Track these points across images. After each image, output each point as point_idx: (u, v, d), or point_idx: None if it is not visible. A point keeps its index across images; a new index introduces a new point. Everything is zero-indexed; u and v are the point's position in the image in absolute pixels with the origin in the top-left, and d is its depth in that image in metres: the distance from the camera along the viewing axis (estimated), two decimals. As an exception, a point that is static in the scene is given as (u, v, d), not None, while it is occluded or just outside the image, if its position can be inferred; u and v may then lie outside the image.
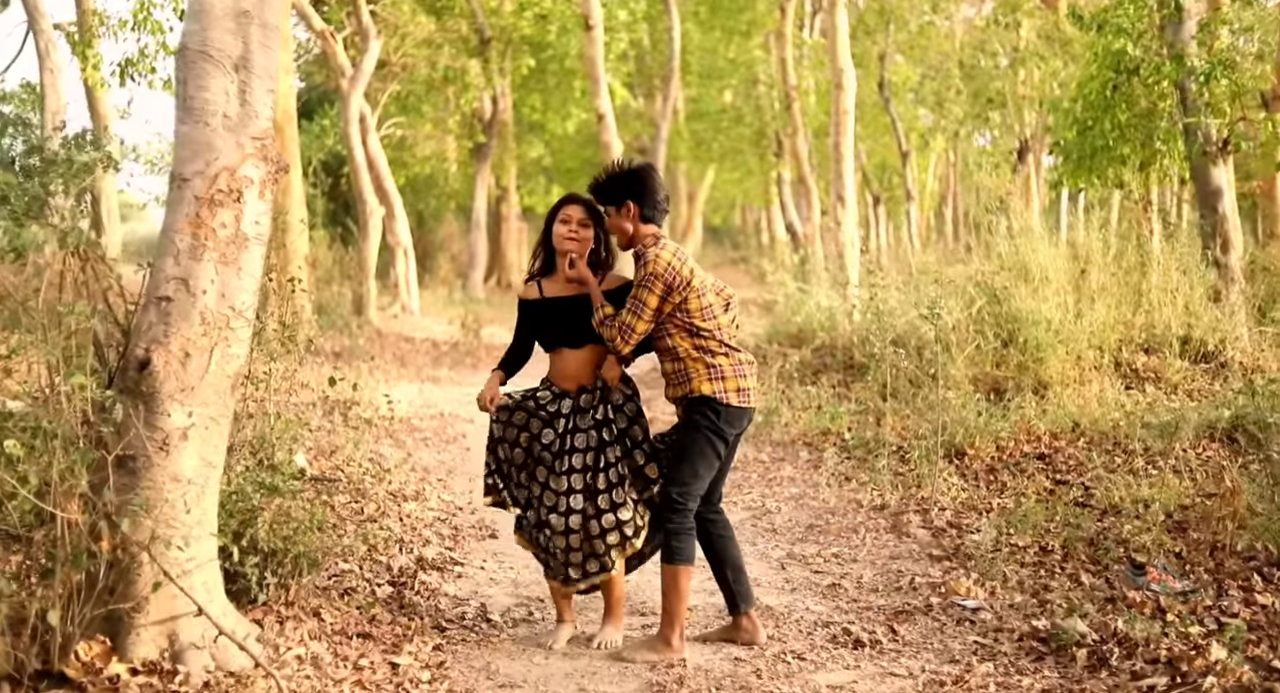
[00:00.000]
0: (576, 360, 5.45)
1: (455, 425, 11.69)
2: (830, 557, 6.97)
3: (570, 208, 5.48)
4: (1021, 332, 11.29)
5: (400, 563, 6.53)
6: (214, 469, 4.86)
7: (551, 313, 5.50)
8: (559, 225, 5.47)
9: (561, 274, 5.48)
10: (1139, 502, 7.18)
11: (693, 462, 5.27)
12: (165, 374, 4.69)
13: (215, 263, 4.82)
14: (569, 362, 5.47)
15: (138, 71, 14.89)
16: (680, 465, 5.29)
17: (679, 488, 5.26)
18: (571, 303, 5.46)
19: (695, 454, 5.27)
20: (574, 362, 5.46)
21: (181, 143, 4.90)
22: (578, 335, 5.45)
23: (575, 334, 5.45)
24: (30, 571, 4.52)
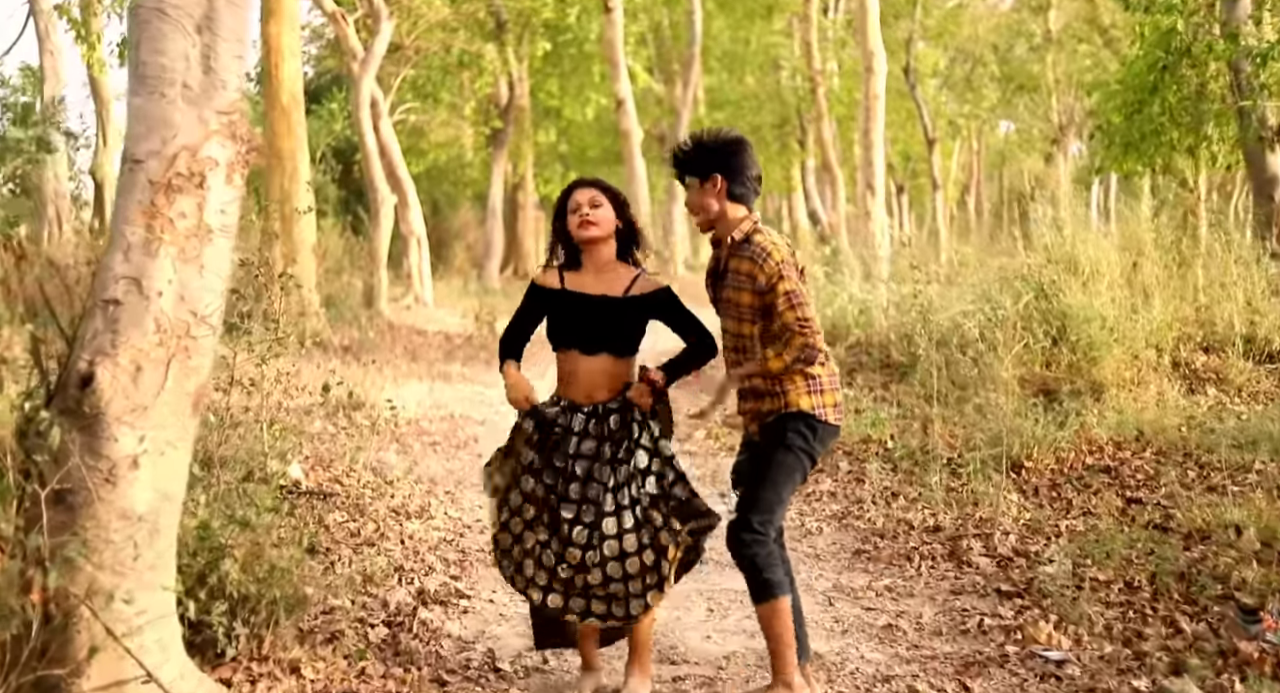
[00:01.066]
0: (588, 368, 4.63)
1: (466, 428, 10.94)
2: (883, 590, 6.19)
3: (577, 193, 4.69)
4: (1072, 329, 10.51)
5: (398, 598, 5.77)
6: (171, 503, 4.11)
7: (571, 308, 4.67)
8: (570, 216, 4.69)
9: (591, 267, 4.71)
10: (1228, 527, 6.38)
11: (779, 486, 4.49)
12: (112, 391, 3.95)
13: (173, 259, 4.07)
14: (580, 368, 4.64)
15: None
16: (764, 489, 4.49)
17: (762, 516, 4.46)
18: (596, 302, 4.65)
19: (784, 478, 4.50)
20: (585, 369, 4.63)
21: (134, 118, 4.14)
22: (593, 340, 4.64)
23: (591, 338, 4.63)
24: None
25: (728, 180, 4.51)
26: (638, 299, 4.64)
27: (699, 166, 4.55)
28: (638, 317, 4.65)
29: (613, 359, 4.63)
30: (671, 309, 4.70)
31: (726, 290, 4.56)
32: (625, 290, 4.65)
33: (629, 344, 4.66)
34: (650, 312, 4.67)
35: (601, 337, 4.63)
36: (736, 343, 4.60)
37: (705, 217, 4.58)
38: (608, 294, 4.65)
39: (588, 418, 4.60)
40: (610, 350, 4.63)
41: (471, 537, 7.27)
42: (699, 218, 4.62)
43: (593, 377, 4.64)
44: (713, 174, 4.51)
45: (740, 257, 4.48)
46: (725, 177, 4.51)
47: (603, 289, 4.66)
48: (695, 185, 4.56)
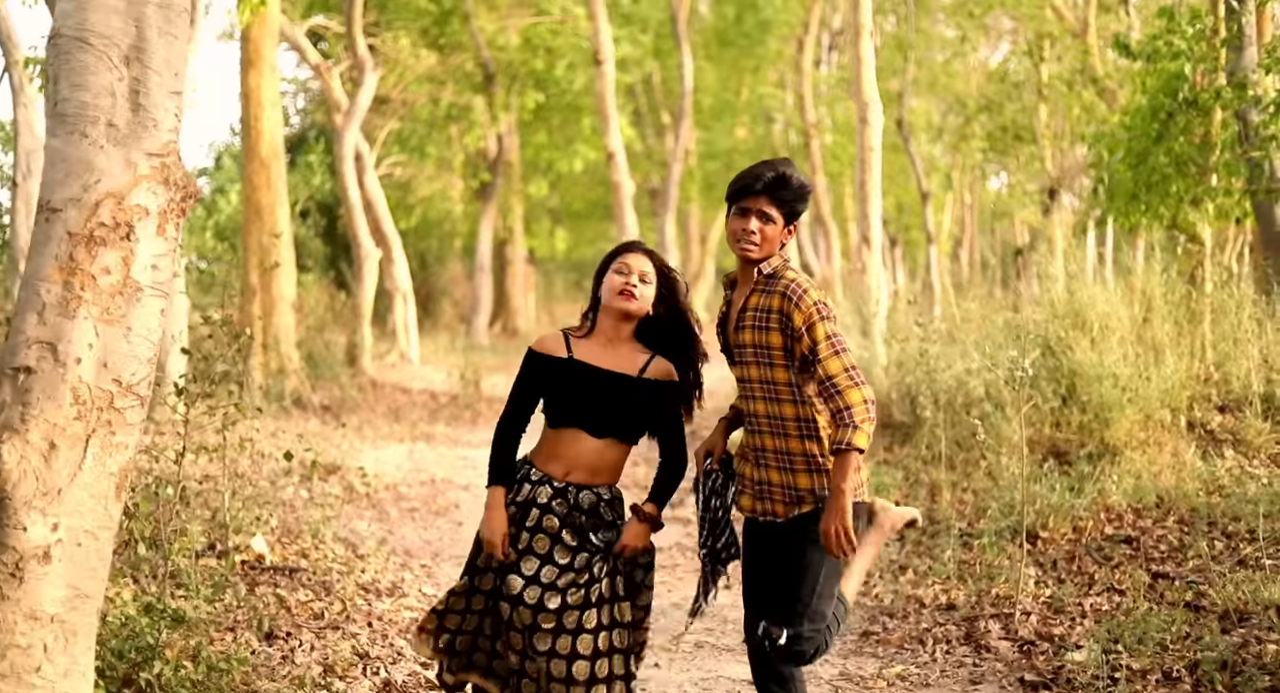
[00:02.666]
0: (589, 449, 4.08)
1: (447, 493, 10.40)
2: (895, 679, 5.65)
3: (630, 257, 4.14)
4: (1082, 388, 10.03)
5: (360, 692, 5.22)
6: (89, 601, 3.59)
7: (581, 382, 4.10)
8: (613, 275, 4.13)
9: (601, 337, 4.18)
10: (1269, 607, 5.87)
11: (829, 585, 3.93)
12: (20, 473, 3.45)
13: (95, 321, 3.58)
14: (582, 450, 4.08)
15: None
16: (811, 592, 3.92)
17: (814, 625, 3.92)
18: (608, 378, 4.10)
19: (832, 576, 3.95)
20: (586, 450, 4.08)
21: (52, 161, 3.67)
22: (604, 421, 4.09)
23: (601, 419, 4.08)
24: None
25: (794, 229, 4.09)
26: (652, 384, 4.11)
27: (792, 207, 4.04)
28: (647, 401, 4.11)
29: (617, 444, 4.11)
30: (670, 406, 4.17)
31: (747, 333, 4.02)
32: (640, 371, 4.12)
33: (638, 431, 4.16)
34: (654, 401, 4.12)
35: (613, 418, 4.09)
36: (763, 392, 4.01)
37: (766, 252, 4.02)
38: (623, 371, 4.12)
39: (555, 494, 4.08)
40: (618, 435, 4.10)
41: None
42: (756, 251, 4.02)
43: (589, 459, 4.10)
44: (794, 223, 4.06)
45: (769, 293, 3.99)
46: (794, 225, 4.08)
47: (616, 365, 4.12)
48: (779, 220, 4.01)
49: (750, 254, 4.02)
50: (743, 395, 4.09)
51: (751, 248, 4.01)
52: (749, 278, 4.06)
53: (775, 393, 3.99)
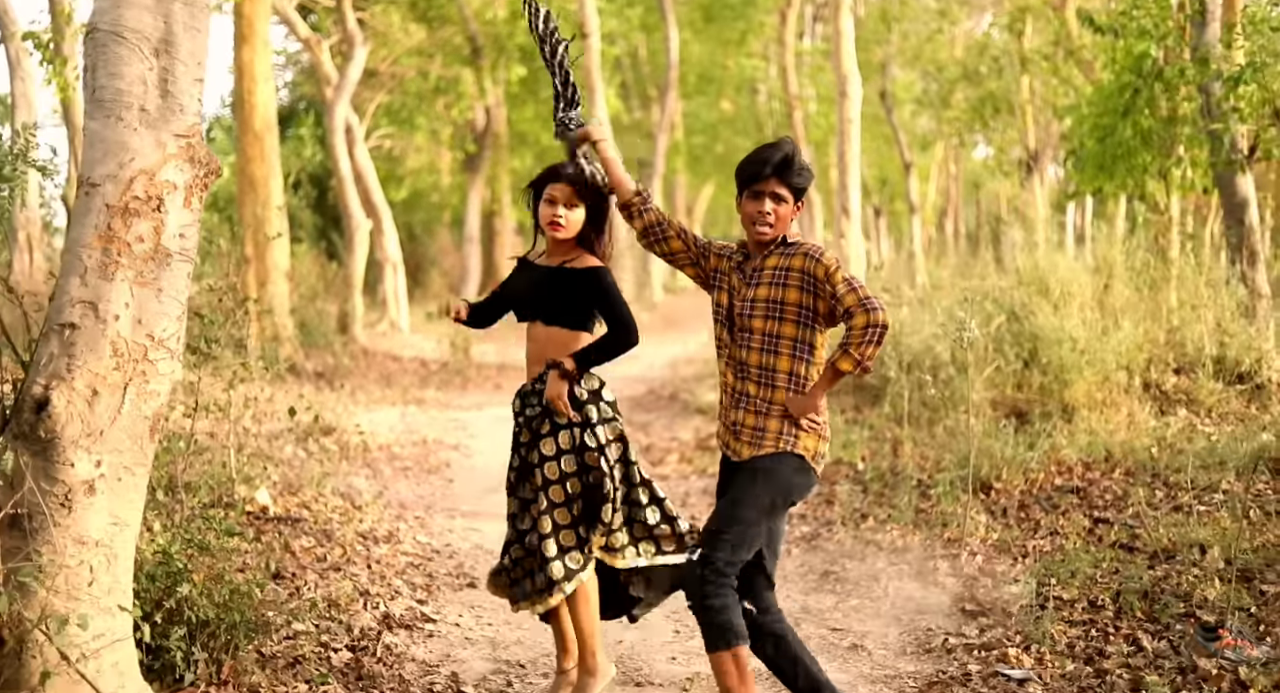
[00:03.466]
0: (530, 336, 4.75)
1: (439, 453, 10.90)
2: (850, 611, 6.19)
3: (555, 187, 4.68)
4: (1043, 351, 10.55)
5: (363, 623, 5.74)
6: (127, 528, 4.09)
7: (518, 276, 4.88)
8: (543, 205, 4.70)
9: (550, 250, 4.78)
10: (1193, 546, 6.41)
11: (753, 525, 4.28)
12: (68, 416, 3.94)
13: (130, 283, 4.07)
14: (526, 337, 4.77)
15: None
16: (736, 526, 4.26)
17: (730, 555, 4.22)
18: (535, 271, 4.78)
19: (759, 518, 4.30)
20: (528, 338, 4.76)
21: (91, 141, 4.15)
22: (527, 307, 4.78)
23: (525, 305, 4.78)
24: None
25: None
26: (567, 272, 4.65)
27: (803, 187, 4.41)
28: (567, 288, 4.63)
29: (544, 328, 4.67)
30: (595, 288, 4.62)
31: (762, 289, 4.36)
32: (561, 263, 4.69)
33: (559, 314, 4.65)
34: (578, 287, 4.62)
35: (533, 303, 4.71)
36: (762, 344, 4.36)
37: (780, 231, 4.39)
38: (547, 265, 4.72)
39: (530, 393, 4.71)
40: (542, 318, 4.67)
41: (440, 561, 7.24)
42: (769, 231, 4.38)
43: (533, 346, 4.73)
44: (801, 201, 4.43)
45: (789, 254, 4.35)
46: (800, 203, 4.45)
47: (548, 262, 4.74)
48: (789, 200, 4.37)
49: (765, 235, 4.37)
50: (737, 345, 4.44)
51: (767, 229, 4.36)
52: (761, 250, 4.44)
53: (776, 346, 4.33)
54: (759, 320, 4.35)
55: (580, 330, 4.66)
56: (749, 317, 4.38)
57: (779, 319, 4.33)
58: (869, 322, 4.13)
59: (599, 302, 4.62)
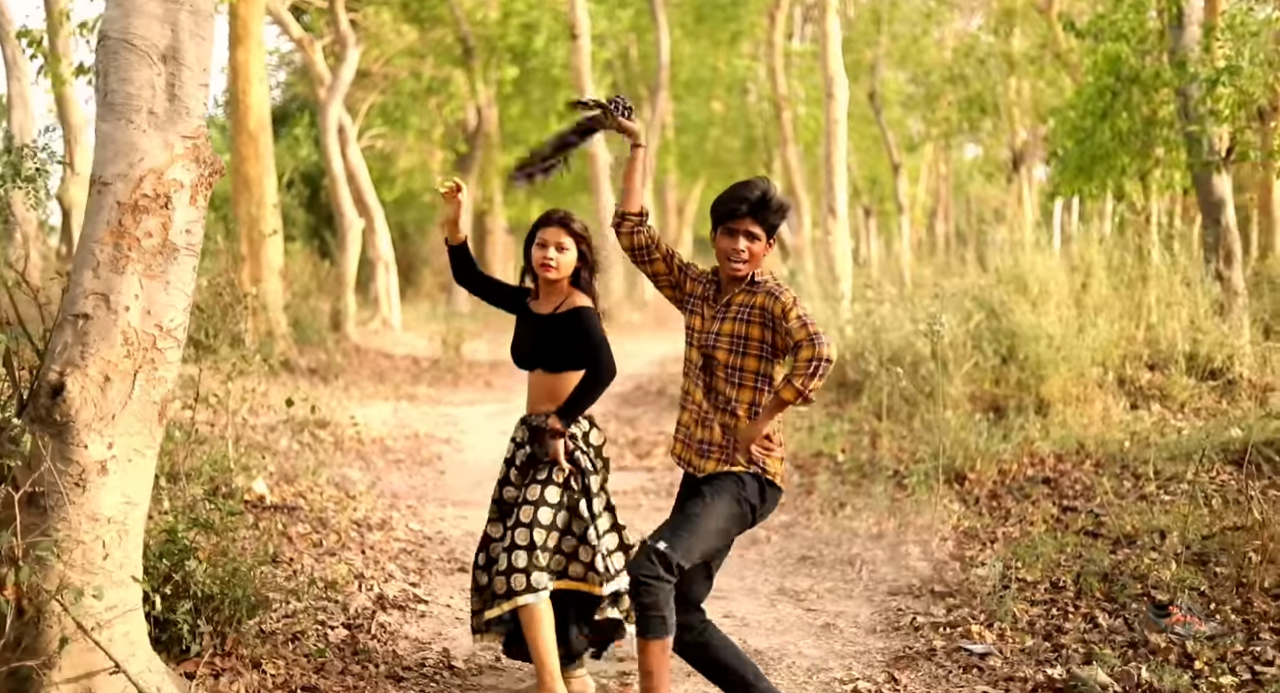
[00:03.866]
0: (531, 383, 4.98)
1: (430, 447, 11.16)
2: (824, 592, 6.47)
3: (545, 231, 4.92)
4: (1021, 347, 10.83)
5: (357, 603, 6.00)
6: (137, 507, 4.34)
7: (521, 325, 5.05)
8: (535, 249, 4.93)
9: (542, 296, 5.01)
10: (1154, 532, 6.69)
11: (708, 536, 4.45)
12: (82, 401, 4.19)
13: (140, 276, 4.32)
14: (534, 384, 4.98)
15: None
16: (692, 532, 4.40)
17: (678, 556, 4.31)
18: (534, 320, 4.98)
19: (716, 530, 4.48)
20: (530, 384, 5.00)
21: (102, 142, 4.39)
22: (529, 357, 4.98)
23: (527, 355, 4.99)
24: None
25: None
26: (559, 318, 4.88)
27: (776, 225, 4.56)
28: (562, 334, 4.86)
29: (548, 375, 4.89)
30: (575, 329, 4.84)
31: (727, 324, 4.54)
32: (554, 309, 4.92)
33: (559, 362, 4.87)
34: (568, 330, 4.85)
35: (534, 356, 4.92)
36: (727, 375, 4.55)
37: (753, 267, 4.53)
38: (541, 312, 4.94)
39: (530, 428, 4.89)
40: (544, 367, 4.90)
41: (431, 547, 7.50)
42: (746, 267, 4.52)
43: (539, 390, 4.93)
44: (773, 238, 4.58)
45: (752, 292, 4.51)
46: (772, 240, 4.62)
47: (542, 309, 4.96)
48: (762, 238, 4.52)
49: (739, 272, 4.51)
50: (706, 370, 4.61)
51: (741, 265, 4.50)
52: (732, 284, 4.58)
53: (740, 378, 4.52)
54: (723, 353, 4.54)
55: (571, 372, 4.88)
56: (714, 348, 4.56)
57: (742, 354, 4.51)
58: (814, 355, 4.30)
59: (580, 340, 4.83)
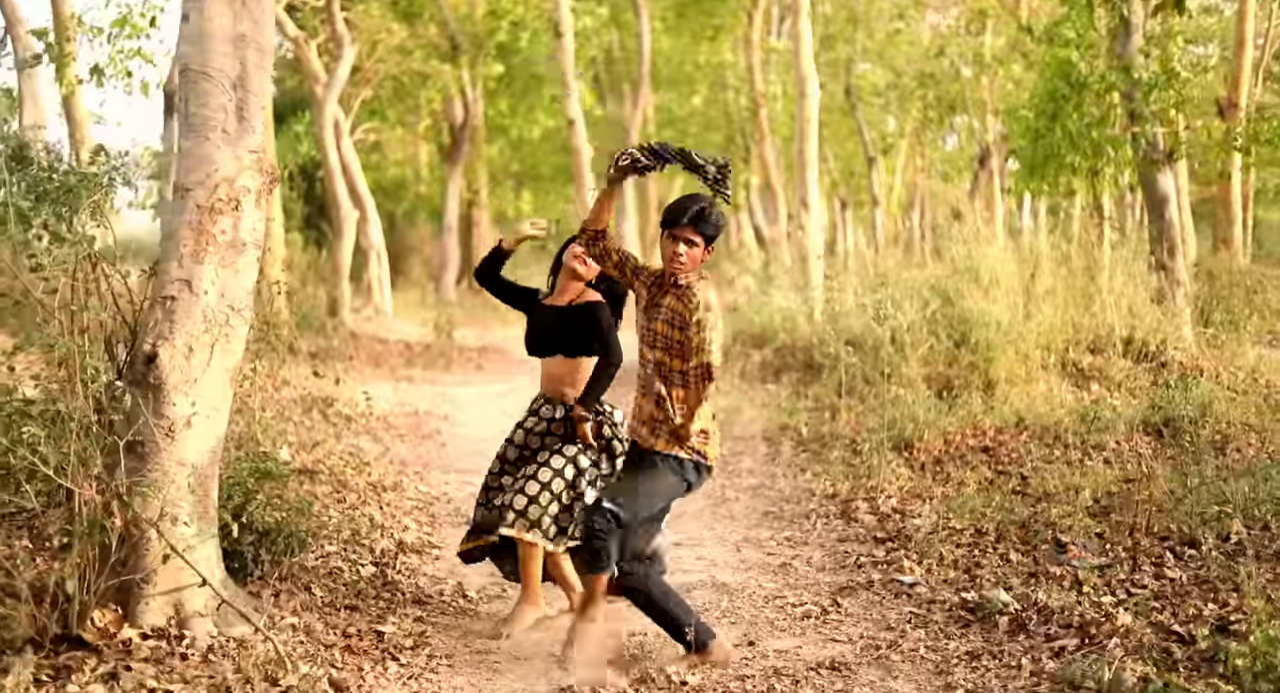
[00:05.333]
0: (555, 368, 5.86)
1: (430, 422, 12.14)
2: (783, 540, 7.48)
3: (578, 244, 5.77)
4: (973, 333, 11.82)
5: (382, 546, 7.00)
6: (214, 454, 5.32)
7: (539, 317, 5.93)
8: (572, 248, 5.86)
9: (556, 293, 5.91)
10: (1070, 489, 7.71)
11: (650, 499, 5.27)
12: (171, 367, 5.15)
13: (216, 265, 5.28)
14: (550, 368, 5.88)
15: (115, 75, 15.11)
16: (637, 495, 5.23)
17: (623, 512, 5.14)
18: (550, 312, 5.88)
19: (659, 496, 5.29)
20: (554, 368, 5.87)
21: (184, 156, 5.36)
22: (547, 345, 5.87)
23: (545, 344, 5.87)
24: (51, 542, 4.98)
25: None
26: (575, 309, 5.81)
27: (713, 235, 5.23)
28: (579, 323, 5.77)
29: (566, 360, 5.81)
30: (588, 321, 5.77)
31: (660, 324, 5.22)
32: (570, 302, 5.86)
33: (576, 348, 5.79)
34: (585, 320, 5.77)
35: (552, 342, 5.83)
36: (660, 373, 5.23)
37: (690, 269, 5.21)
38: (555, 304, 5.87)
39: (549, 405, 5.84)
40: (564, 353, 5.80)
41: (439, 505, 8.49)
42: (684, 268, 5.19)
43: (554, 374, 5.86)
44: (713, 245, 5.26)
45: (676, 296, 5.21)
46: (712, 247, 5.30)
47: (559, 302, 5.88)
48: (701, 246, 5.20)
49: (678, 271, 5.21)
50: (646, 368, 5.30)
51: (680, 267, 5.21)
52: (671, 282, 5.27)
53: (669, 377, 5.21)
54: (659, 352, 5.25)
55: (584, 358, 5.80)
56: (652, 346, 5.28)
57: (672, 355, 5.21)
58: (698, 361, 5.10)
59: (594, 330, 5.76)
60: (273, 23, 5.58)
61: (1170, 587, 5.92)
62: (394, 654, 5.34)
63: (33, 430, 4.83)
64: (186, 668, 4.73)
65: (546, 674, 5.25)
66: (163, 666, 4.74)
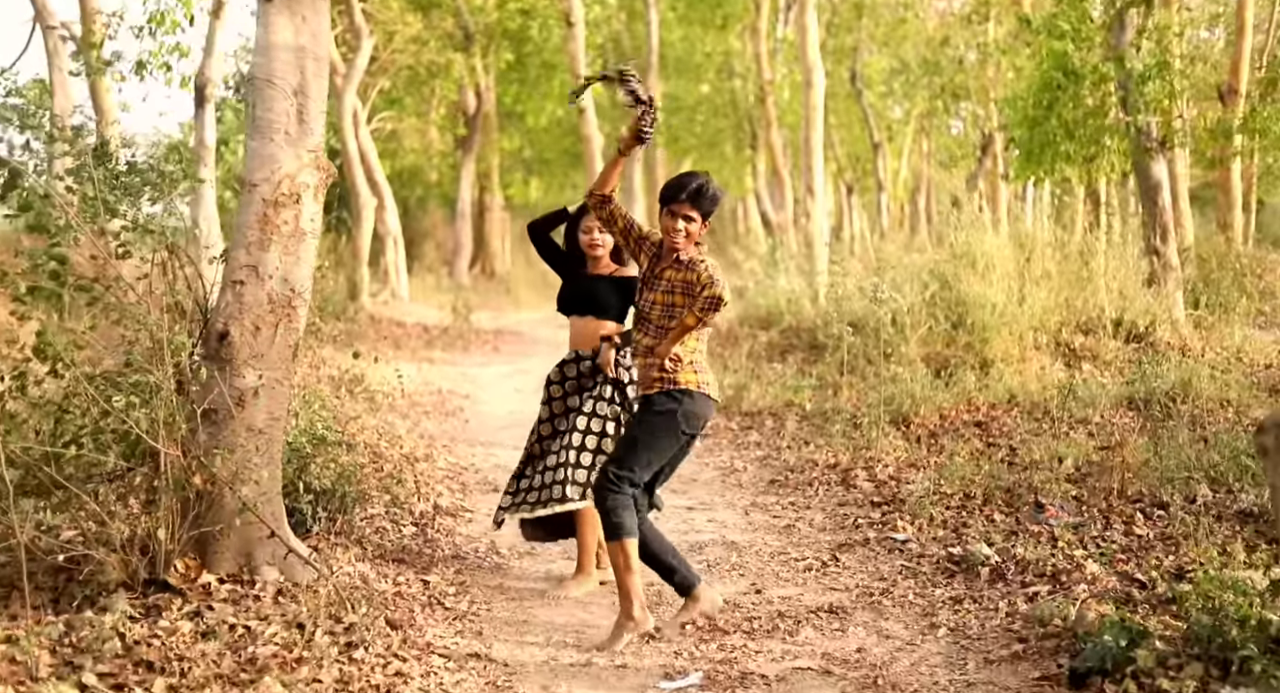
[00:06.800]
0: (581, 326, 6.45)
1: (453, 401, 12.80)
2: (788, 505, 8.13)
3: (587, 219, 6.41)
4: (969, 315, 12.43)
5: (420, 509, 7.65)
6: (279, 422, 5.96)
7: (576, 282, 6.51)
8: (580, 235, 6.46)
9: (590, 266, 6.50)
10: (1054, 458, 8.33)
11: (644, 448, 5.64)
12: (241, 344, 5.79)
13: (279, 253, 5.91)
14: (578, 326, 6.47)
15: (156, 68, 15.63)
16: (630, 448, 5.64)
17: (621, 471, 5.56)
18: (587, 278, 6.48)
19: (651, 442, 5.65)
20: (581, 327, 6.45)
21: (251, 155, 5.99)
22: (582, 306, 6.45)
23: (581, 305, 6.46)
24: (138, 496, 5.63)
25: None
26: (615, 279, 6.41)
27: (710, 210, 5.63)
28: (616, 292, 6.36)
29: (594, 320, 6.41)
30: (627, 291, 6.32)
31: (659, 294, 5.65)
32: (610, 273, 6.46)
33: (605, 311, 6.38)
34: (623, 290, 6.34)
35: (587, 303, 6.43)
36: (654, 334, 5.65)
37: (688, 244, 5.61)
38: (596, 273, 6.48)
39: (578, 360, 6.44)
40: (594, 314, 6.40)
41: (468, 475, 9.15)
42: (684, 242, 5.59)
43: (580, 331, 6.45)
44: (708, 220, 5.65)
45: (678, 269, 5.62)
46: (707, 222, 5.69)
47: (598, 271, 6.49)
48: (698, 221, 5.60)
49: (676, 246, 5.61)
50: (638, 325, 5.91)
51: (678, 242, 5.61)
52: (669, 256, 5.68)
53: (662, 336, 5.62)
54: (656, 315, 5.67)
55: (616, 321, 6.42)
56: (648, 311, 5.71)
57: (666, 316, 5.64)
58: (710, 294, 5.47)
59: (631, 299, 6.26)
60: (329, 35, 6.20)
61: (1137, 542, 6.55)
62: (439, 600, 6.00)
63: (125, 398, 5.46)
64: (260, 608, 5.37)
65: (575, 615, 5.90)
66: (239, 606, 5.39)
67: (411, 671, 4.98)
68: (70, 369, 5.56)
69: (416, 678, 4.94)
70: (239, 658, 4.84)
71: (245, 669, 4.74)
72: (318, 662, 4.85)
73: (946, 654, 5.35)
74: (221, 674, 4.68)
